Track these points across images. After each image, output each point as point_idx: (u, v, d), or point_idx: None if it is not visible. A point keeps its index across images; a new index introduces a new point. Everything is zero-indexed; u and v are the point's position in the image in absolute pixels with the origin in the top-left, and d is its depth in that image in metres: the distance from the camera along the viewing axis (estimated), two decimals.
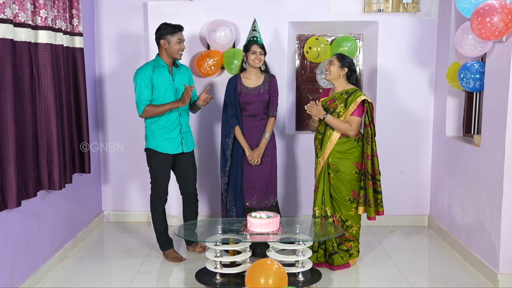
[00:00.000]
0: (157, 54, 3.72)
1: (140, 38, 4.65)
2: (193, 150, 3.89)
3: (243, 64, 3.83)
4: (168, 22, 3.69)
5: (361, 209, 3.63)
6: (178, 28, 3.64)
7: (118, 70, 4.71)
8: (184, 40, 3.70)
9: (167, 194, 3.84)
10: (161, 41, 3.63)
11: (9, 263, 3.08)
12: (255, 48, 3.73)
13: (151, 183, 3.81)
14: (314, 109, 3.57)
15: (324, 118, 3.56)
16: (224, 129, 3.87)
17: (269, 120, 3.83)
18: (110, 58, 4.69)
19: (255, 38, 3.76)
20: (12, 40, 2.92)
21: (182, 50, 3.68)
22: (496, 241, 3.38)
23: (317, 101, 3.61)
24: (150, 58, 4.50)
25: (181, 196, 3.95)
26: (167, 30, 3.60)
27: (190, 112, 3.88)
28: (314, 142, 3.76)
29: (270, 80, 3.84)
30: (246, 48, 3.78)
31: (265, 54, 3.78)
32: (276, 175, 3.93)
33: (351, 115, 3.54)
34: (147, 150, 3.77)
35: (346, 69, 3.61)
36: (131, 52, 4.68)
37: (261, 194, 3.83)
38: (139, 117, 3.74)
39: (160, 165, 3.73)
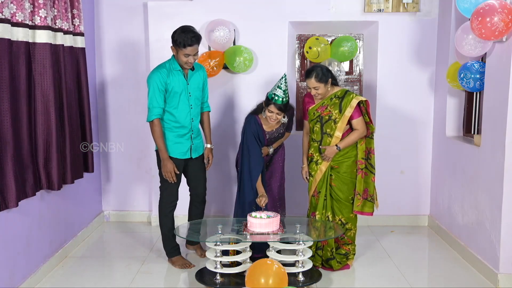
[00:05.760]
0: (173, 55, 3.53)
1: (140, 38, 4.64)
2: (202, 154, 3.79)
3: (262, 112, 3.68)
4: (170, 22, 3.55)
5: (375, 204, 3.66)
6: (188, 44, 3.36)
7: (118, 69, 4.70)
8: (197, 52, 3.45)
9: (177, 199, 3.71)
10: (171, 47, 3.47)
11: (9, 263, 3.08)
12: (272, 108, 3.55)
13: (160, 187, 3.70)
14: (329, 153, 3.55)
15: (340, 150, 3.54)
16: (250, 175, 3.70)
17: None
18: (110, 58, 4.68)
19: (275, 98, 3.53)
20: (9, 39, 2.92)
21: (191, 63, 3.46)
22: (496, 241, 3.37)
23: (327, 147, 3.56)
24: (150, 58, 4.51)
25: (189, 196, 3.89)
26: (177, 42, 3.38)
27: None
28: (309, 150, 3.71)
29: (289, 114, 3.78)
30: (267, 103, 3.60)
31: (285, 111, 3.62)
32: (284, 187, 3.97)
33: (352, 120, 3.52)
34: (157, 151, 3.60)
35: (330, 80, 3.53)
36: (131, 52, 4.68)
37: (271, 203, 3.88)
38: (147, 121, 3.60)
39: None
